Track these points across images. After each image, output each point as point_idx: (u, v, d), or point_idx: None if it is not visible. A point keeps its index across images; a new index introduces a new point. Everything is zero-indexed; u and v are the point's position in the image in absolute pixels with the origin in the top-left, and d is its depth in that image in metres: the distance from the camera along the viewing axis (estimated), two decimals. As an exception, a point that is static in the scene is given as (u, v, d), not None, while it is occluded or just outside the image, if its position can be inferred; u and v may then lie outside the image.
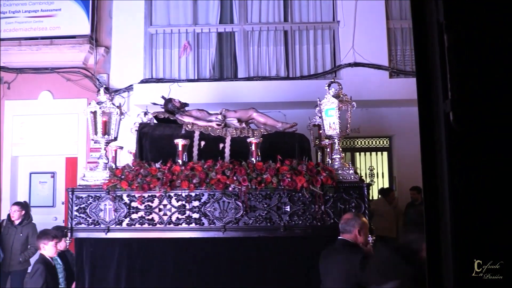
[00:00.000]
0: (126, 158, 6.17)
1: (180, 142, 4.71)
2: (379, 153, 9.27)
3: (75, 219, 4.56)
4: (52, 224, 8.70)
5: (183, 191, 4.46)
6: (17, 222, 6.49)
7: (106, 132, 4.88)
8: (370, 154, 9.23)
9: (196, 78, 8.88)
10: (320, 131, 5.65)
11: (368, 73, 8.60)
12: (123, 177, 4.54)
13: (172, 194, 4.50)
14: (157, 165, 4.60)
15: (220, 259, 4.54)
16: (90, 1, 8.93)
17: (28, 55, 8.79)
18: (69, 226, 4.56)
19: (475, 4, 1.09)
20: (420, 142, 1.18)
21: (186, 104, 5.58)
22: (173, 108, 5.48)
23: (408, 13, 9.02)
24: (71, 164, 9.19)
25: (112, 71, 9.02)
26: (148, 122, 5.80)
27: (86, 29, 8.84)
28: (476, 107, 1.08)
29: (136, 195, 4.50)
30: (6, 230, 6.40)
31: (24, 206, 6.70)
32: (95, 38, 8.94)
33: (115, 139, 5.02)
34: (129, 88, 8.83)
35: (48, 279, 4.17)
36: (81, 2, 8.89)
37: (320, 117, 5.15)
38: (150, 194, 4.51)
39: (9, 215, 6.53)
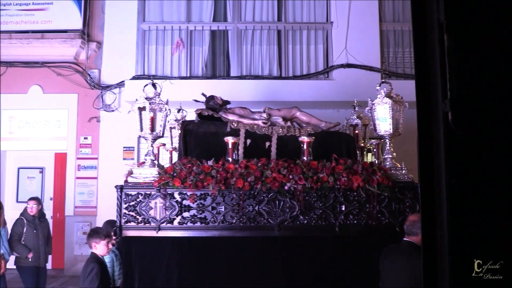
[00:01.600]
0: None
1: (230, 140, 4.62)
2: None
3: (124, 217, 4.43)
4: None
5: (237, 189, 4.37)
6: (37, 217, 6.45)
7: (153, 128, 4.73)
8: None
9: (188, 75, 8.84)
10: (356, 131, 5.66)
11: (360, 75, 8.63)
12: (175, 174, 4.43)
13: (225, 192, 4.42)
14: (210, 162, 4.50)
15: (274, 258, 4.48)
16: (83, -4, 8.86)
17: (18, 48, 8.68)
18: (118, 224, 4.44)
19: (476, 5, 1.09)
20: (418, 141, 1.18)
21: (227, 102, 5.52)
22: (214, 105, 5.40)
23: (401, 15, 9.07)
24: (60, 159, 9.11)
25: (104, 67, 8.96)
26: (182, 118, 5.73)
27: (78, 24, 8.76)
28: (476, 107, 1.08)
29: (188, 193, 4.41)
30: (33, 225, 6.34)
31: (40, 201, 6.65)
32: (87, 33, 8.86)
33: (162, 135, 4.89)
34: (121, 84, 8.77)
35: (103, 279, 4.07)
36: (74, -3, 8.82)
37: (370, 116, 5.11)
38: (202, 192, 4.43)
39: (26, 212, 6.44)
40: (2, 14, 8.71)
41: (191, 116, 5.91)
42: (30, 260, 6.21)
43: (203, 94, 5.59)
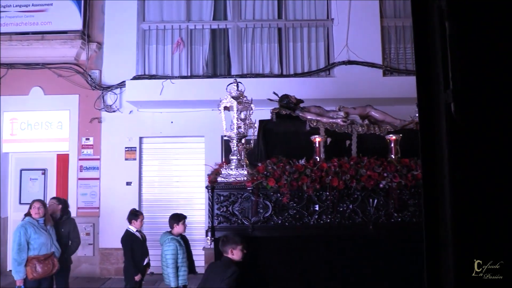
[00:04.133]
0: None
1: (317, 139, 4.62)
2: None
3: (216, 218, 4.39)
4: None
5: (332, 188, 4.33)
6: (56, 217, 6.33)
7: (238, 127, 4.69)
8: (364, 152, 9.22)
9: (189, 74, 8.81)
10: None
11: (361, 71, 8.58)
12: (268, 174, 4.38)
13: (320, 191, 4.38)
14: (302, 161, 4.46)
15: (368, 256, 4.45)
16: (82, -4, 8.84)
17: (18, 50, 8.66)
18: (210, 225, 4.39)
19: (478, -10, 1.05)
20: (419, 134, 1.14)
21: (301, 101, 5.50)
22: (289, 104, 5.40)
23: (402, 11, 9.01)
24: (63, 161, 9.10)
25: (104, 67, 8.94)
26: (246, 117, 5.76)
27: (78, 25, 8.73)
28: (479, 98, 1.03)
29: (282, 193, 4.37)
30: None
31: (62, 202, 6.54)
32: (87, 33, 8.83)
33: (247, 135, 4.82)
34: (122, 85, 8.75)
35: (239, 284, 4.11)
36: (73, -3, 8.79)
37: None
38: (296, 191, 4.39)
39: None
40: (2, 15, 8.68)
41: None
42: None
43: (274, 93, 5.56)
